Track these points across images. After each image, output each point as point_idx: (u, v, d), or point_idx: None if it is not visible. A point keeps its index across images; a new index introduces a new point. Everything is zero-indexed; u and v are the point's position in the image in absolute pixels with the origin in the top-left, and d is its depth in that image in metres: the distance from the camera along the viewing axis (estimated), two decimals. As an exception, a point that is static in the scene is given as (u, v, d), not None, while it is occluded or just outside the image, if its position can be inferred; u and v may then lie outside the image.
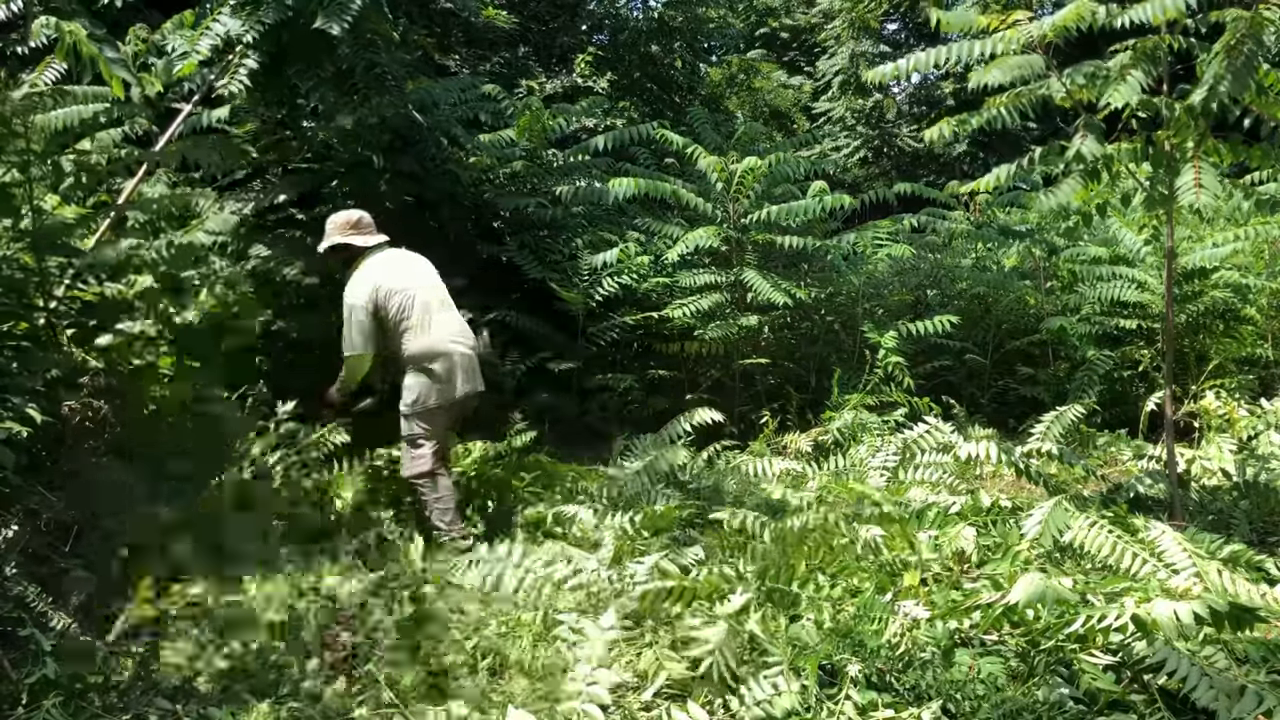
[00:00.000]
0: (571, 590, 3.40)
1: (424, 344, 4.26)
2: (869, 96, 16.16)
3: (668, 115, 10.81)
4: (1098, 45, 4.05)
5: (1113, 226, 7.33)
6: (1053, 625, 2.84)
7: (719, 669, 2.69)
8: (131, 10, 5.43)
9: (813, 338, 7.40)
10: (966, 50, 4.01)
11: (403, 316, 4.26)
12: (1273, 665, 2.76)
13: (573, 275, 6.84)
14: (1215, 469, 5.10)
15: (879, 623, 2.98)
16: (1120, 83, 3.71)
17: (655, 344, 7.02)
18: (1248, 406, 6.08)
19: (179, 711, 2.61)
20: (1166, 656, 2.65)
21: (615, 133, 7.40)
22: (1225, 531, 4.03)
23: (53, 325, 3.95)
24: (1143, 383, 6.88)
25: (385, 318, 4.28)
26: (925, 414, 5.77)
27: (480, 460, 4.91)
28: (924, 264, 8.01)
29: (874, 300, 7.33)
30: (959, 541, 3.71)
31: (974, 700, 2.61)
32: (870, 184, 12.16)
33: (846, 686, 2.65)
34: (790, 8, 19.35)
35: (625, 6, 13.82)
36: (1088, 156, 3.83)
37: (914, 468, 5.04)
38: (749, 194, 6.84)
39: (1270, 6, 3.54)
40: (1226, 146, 3.96)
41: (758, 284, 6.49)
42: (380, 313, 4.27)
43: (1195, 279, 6.72)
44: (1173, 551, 3.49)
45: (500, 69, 10.69)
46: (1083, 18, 3.74)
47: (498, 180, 7.19)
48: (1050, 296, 7.43)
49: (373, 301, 4.25)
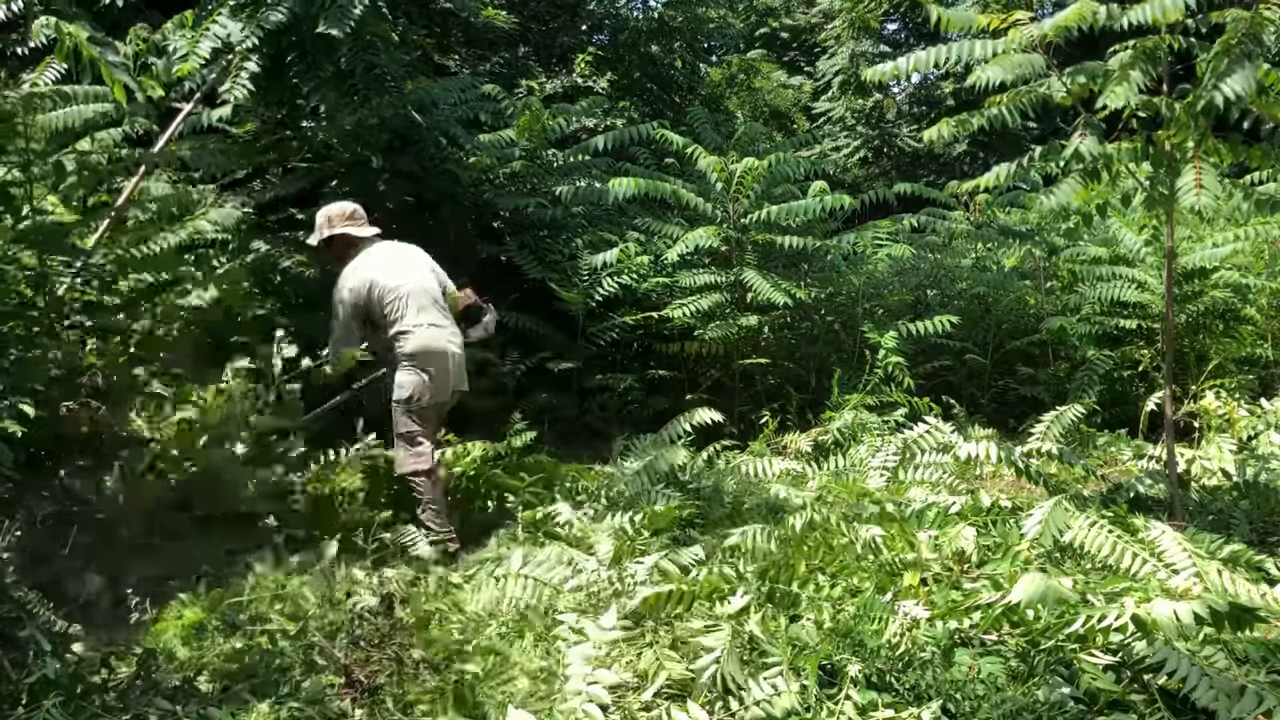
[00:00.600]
0: (572, 591, 3.40)
1: (419, 343, 4.22)
2: (869, 96, 16.15)
3: (668, 115, 10.80)
4: (1098, 45, 4.05)
5: (1113, 226, 7.33)
6: (1053, 625, 2.84)
7: (721, 678, 2.69)
8: (132, 10, 5.44)
9: (813, 338, 7.40)
10: (967, 50, 4.01)
11: (396, 315, 4.21)
12: (1273, 665, 2.76)
13: (573, 275, 6.84)
14: (1215, 469, 5.10)
15: (879, 623, 2.97)
16: (1119, 83, 3.71)
17: (655, 344, 7.01)
18: (1248, 406, 6.08)
19: (179, 712, 2.61)
20: (1166, 656, 2.65)
21: (615, 133, 7.40)
22: (1225, 531, 4.02)
23: (53, 325, 3.95)
24: (1143, 383, 6.88)
25: (377, 315, 4.23)
26: (925, 414, 5.77)
27: (480, 460, 4.91)
28: (924, 264, 8.00)
29: (874, 300, 7.33)
30: (959, 541, 3.71)
31: (974, 700, 2.61)
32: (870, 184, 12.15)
33: (846, 686, 2.65)
34: (790, 8, 19.33)
35: (625, 6, 13.82)
36: (1086, 155, 3.83)
37: (914, 468, 5.04)
38: (749, 194, 6.84)
39: (1270, 6, 3.54)
40: (1226, 146, 3.96)
41: (758, 284, 6.49)
42: (373, 311, 4.22)
43: (1195, 279, 6.72)
44: (1173, 551, 3.48)
45: (500, 69, 10.69)
46: (1084, 18, 3.73)
47: (497, 180, 7.19)
48: (1050, 296, 7.43)
49: (365, 299, 4.20)
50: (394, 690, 2.80)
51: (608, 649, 2.88)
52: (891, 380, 6.40)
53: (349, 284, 4.24)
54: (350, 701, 2.72)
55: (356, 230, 4.37)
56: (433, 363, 4.24)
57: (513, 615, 3.27)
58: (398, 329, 4.23)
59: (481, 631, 3.14)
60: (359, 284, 4.22)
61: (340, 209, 4.41)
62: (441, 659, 3.00)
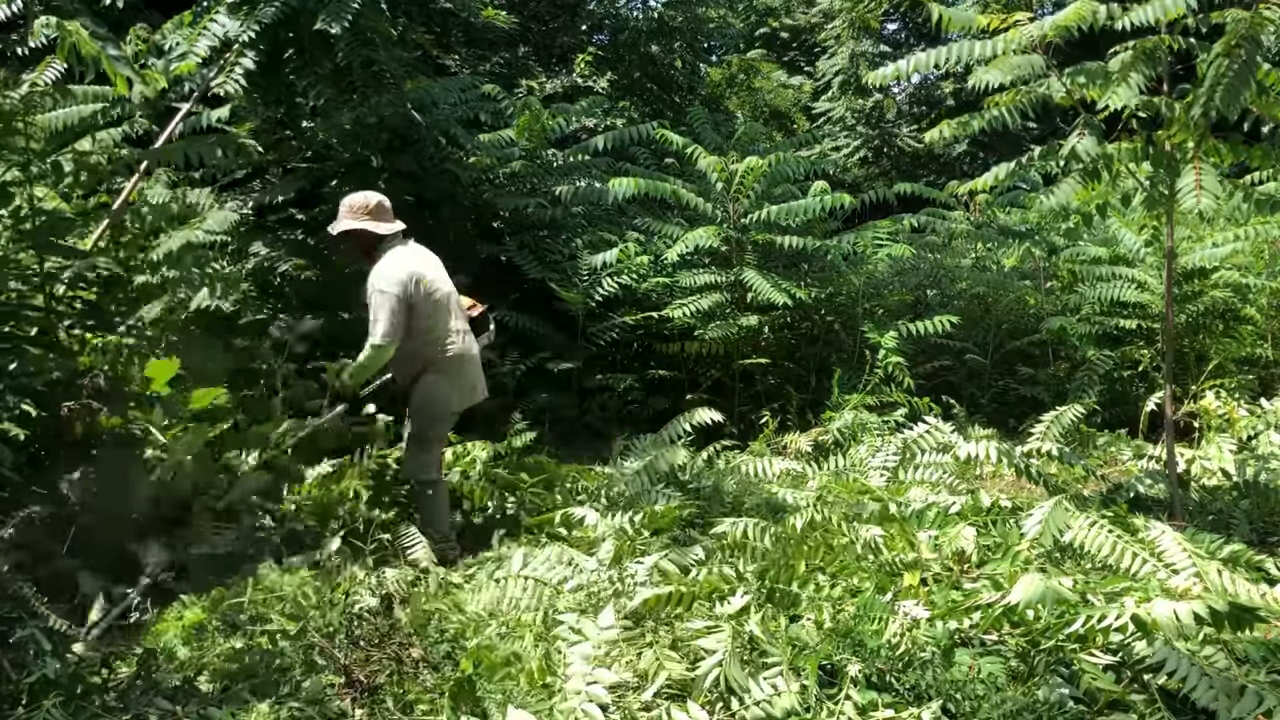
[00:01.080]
0: (572, 591, 3.39)
1: (457, 347, 4.11)
2: (869, 96, 16.15)
3: (668, 115, 10.81)
4: (1098, 45, 4.05)
5: (1113, 226, 7.33)
6: (1053, 625, 2.84)
7: (723, 679, 2.69)
8: (132, 10, 5.44)
9: (813, 338, 7.40)
10: (966, 50, 4.01)
11: (436, 314, 4.04)
12: (1273, 665, 2.76)
13: (572, 275, 6.84)
14: (1215, 469, 5.10)
15: (879, 623, 2.97)
16: (1119, 84, 3.71)
17: (655, 344, 7.02)
18: (1248, 406, 6.09)
19: (179, 712, 2.61)
20: (1166, 657, 2.65)
21: (615, 133, 7.41)
22: (1225, 531, 4.03)
23: (53, 325, 3.95)
24: (1143, 383, 6.88)
25: (419, 311, 4.00)
26: (925, 414, 5.77)
27: (481, 460, 4.91)
28: (924, 264, 8.01)
29: (874, 300, 7.33)
30: (959, 541, 3.71)
31: (974, 700, 2.61)
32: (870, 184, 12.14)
33: (846, 686, 2.65)
34: (790, 8, 19.34)
35: (625, 6, 13.83)
36: (1083, 155, 3.83)
37: (914, 468, 5.04)
38: (749, 194, 6.84)
39: (1270, 6, 3.54)
40: (1226, 146, 3.96)
41: (758, 284, 6.49)
42: (416, 305, 3.98)
43: (1195, 279, 6.73)
44: (1173, 551, 3.48)
45: (500, 69, 10.69)
46: (1084, 18, 3.74)
47: (497, 180, 7.19)
48: (1050, 296, 7.43)
49: (411, 291, 3.95)
50: (394, 690, 2.80)
51: (608, 649, 2.87)
52: (891, 380, 6.40)
53: (393, 275, 3.94)
54: (350, 701, 2.72)
55: (382, 226, 4.09)
56: (466, 371, 4.17)
57: (513, 615, 3.27)
58: (439, 332, 4.07)
59: (482, 631, 3.14)
60: (406, 276, 3.95)
61: (364, 201, 4.10)
62: (441, 659, 3.00)
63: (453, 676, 2.81)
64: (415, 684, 2.85)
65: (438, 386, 4.11)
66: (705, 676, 2.70)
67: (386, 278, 3.94)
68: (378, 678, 2.85)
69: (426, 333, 4.04)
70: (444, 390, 4.12)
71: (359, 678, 2.82)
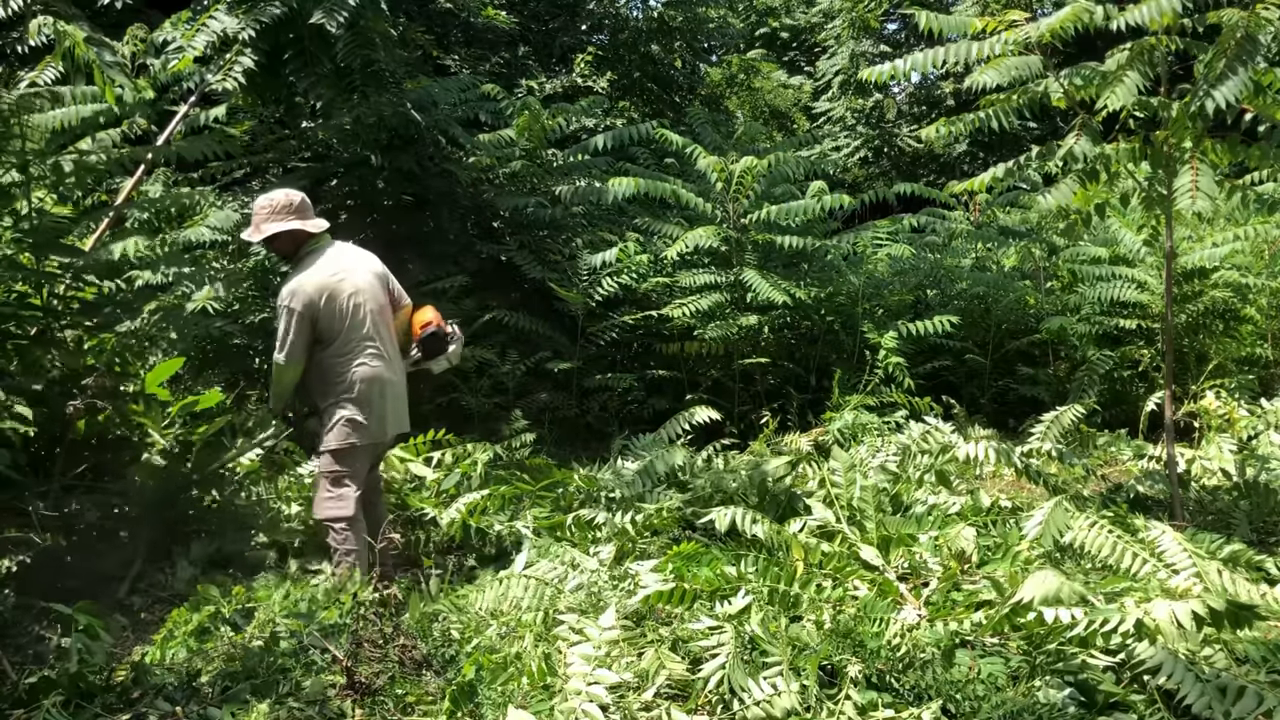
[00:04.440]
0: (573, 591, 3.39)
1: (363, 373, 3.68)
2: (869, 96, 16.15)
3: (668, 115, 10.83)
4: (1096, 45, 4.05)
5: (1112, 226, 7.32)
6: (1053, 626, 2.84)
7: (722, 678, 2.68)
8: (132, 10, 5.44)
9: (813, 338, 7.40)
10: (964, 51, 4.01)
11: (347, 338, 3.67)
12: (1273, 665, 2.76)
13: (572, 275, 6.84)
14: (1215, 469, 5.09)
15: (879, 623, 2.98)
16: (1117, 84, 3.71)
17: (655, 344, 7.02)
18: (1248, 406, 6.08)
19: (179, 712, 2.61)
20: (1163, 660, 2.65)
21: (615, 132, 7.40)
22: (1225, 531, 4.02)
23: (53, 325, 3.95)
24: (1143, 383, 6.88)
25: (323, 331, 3.66)
26: (925, 414, 5.77)
27: (481, 462, 4.90)
28: (924, 264, 8.00)
29: (874, 300, 7.33)
30: (959, 541, 3.71)
31: (974, 700, 2.61)
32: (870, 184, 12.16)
33: (846, 687, 2.65)
34: (790, 8, 19.36)
35: (625, 6, 13.82)
36: (1079, 156, 3.83)
37: (914, 468, 5.03)
38: (749, 194, 6.83)
39: (1268, 6, 3.54)
40: (1224, 146, 3.96)
41: (757, 284, 6.49)
42: (320, 324, 3.65)
43: (1195, 279, 6.72)
44: (1173, 551, 3.48)
45: (500, 69, 10.70)
46: (1080, 19, 3.74)
47: (497, 180, 7.19)
48: (1050, 296, 7.42)
49: (317, 308, 3.63)
50: (394, 691, 2.80)
51: (608, 649, 2.87)
52: (891, 380, 6.40)
53: (302, 290, 3.63)
54: (350, 702, 2.72)
55: (308, 225, 3.74)
56: (374, 400, 3.70)
57: (514, 615, 3.27)
58: (345, 355, 3.68)
59: (482, 632, 3.14)
60: (314, 292, 3.63)
61: (286, 200, 3.73)
62: (441, 659, 3.00)
63: (455, 680, 2.81)
64: (415, 685, 2.85)
65: (340, 415, 3.67)
66: (705, 672, 2.70)
67: (294, 294, 3.64)
68: (378, 678, 2.84)
69: (332, 354, 3.68)
70: (347, 421, 3.67)
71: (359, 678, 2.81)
